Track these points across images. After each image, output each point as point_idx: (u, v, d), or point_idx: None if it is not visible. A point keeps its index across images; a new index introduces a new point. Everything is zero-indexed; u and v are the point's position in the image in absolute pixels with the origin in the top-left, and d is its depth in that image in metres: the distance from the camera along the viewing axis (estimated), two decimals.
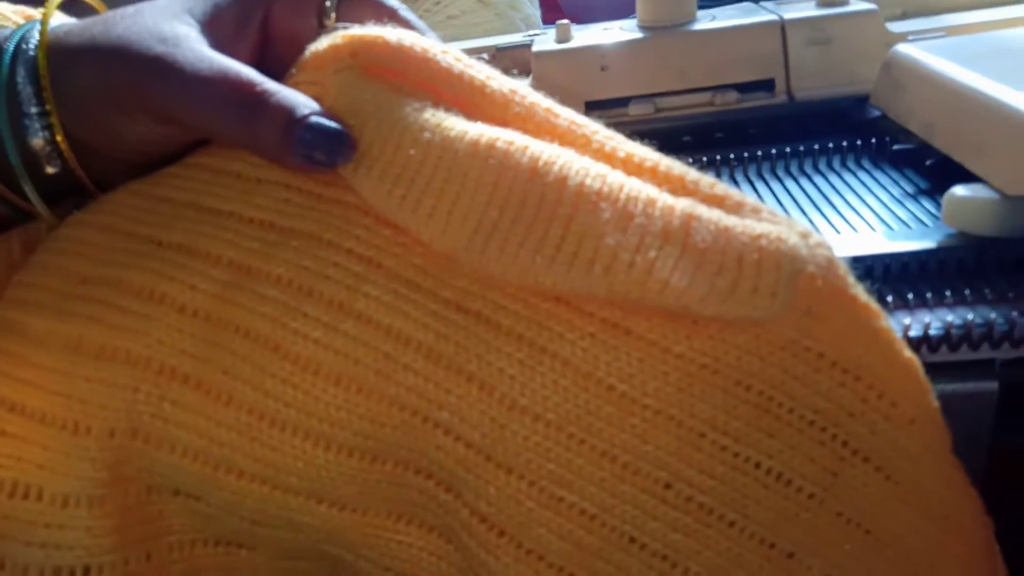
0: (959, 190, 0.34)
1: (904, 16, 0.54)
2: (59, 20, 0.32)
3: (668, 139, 0.54)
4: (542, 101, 0.30)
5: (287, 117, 0.27)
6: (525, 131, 0.29)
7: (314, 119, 0.27)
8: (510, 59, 0.60)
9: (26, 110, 0.28)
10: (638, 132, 0.31)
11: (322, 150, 0.27)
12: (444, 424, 0.27)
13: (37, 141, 0.28)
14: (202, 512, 0.29)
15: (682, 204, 0.28)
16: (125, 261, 0.28)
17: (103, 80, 0.28)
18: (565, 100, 0.31)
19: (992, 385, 0.32)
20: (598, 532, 0.26)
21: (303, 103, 0.27)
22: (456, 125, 0.28)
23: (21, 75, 0.28)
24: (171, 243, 0.29)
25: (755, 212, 0.29)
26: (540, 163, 0.27)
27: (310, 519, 0.28)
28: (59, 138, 0.29)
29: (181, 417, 0.27)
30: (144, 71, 0.27)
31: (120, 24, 0.28)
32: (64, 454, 0.27)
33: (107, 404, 0.27)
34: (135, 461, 0.27)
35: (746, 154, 0.47)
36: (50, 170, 0.29)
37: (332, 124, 0.28)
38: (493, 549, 0.27)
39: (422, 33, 0.31)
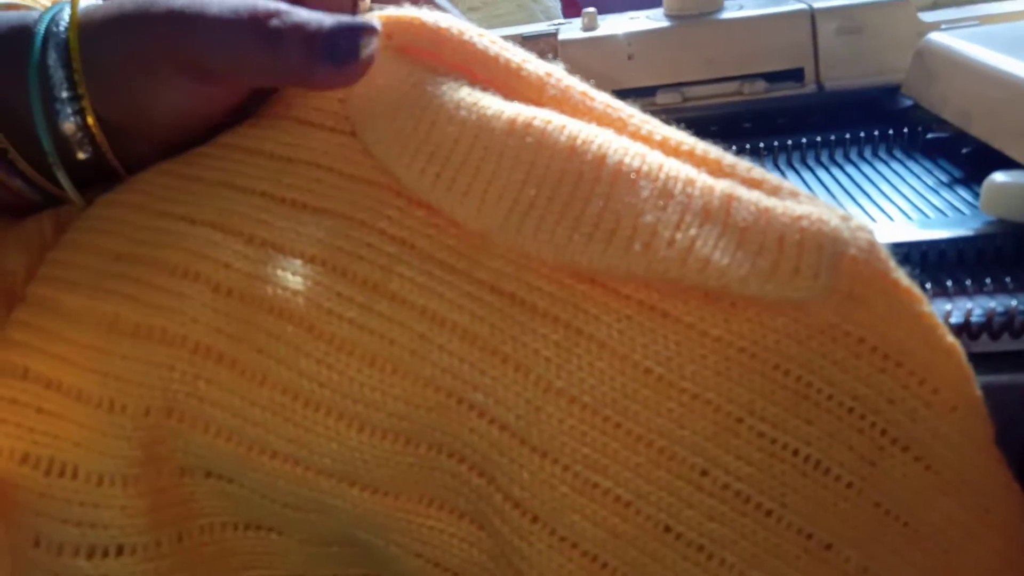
0: (999, 176, 0.33)
1: (935, 6, 0.53)
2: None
3: (696, 129, 0.53)
4: (578, 84, 0.30)
5: (304, 30, 0.27)
6: (561, 113, 0.29)
7: (329, 21, 0.27)
8: (535, 48, 0.59)
9: (57, 94, 0.28)
10: (665, 122, 0.31)
11: (345, 47, 0.27)
12: (479, 406, 0.27)
13: (68, 126, 0.28)
14: (234, 494, 0.28)
15: (722, 184, 0.27)
16: (159, 240, 0.28)
17: (132, 45, 0.28)
18: None
19: None
20: (633, 520, 0.26)
21: (315, 15, 0.28)
22: (493, 104, 0.28)
23: (52, 58, 0.28)
24: (204, 221, 0.28)
25: (793, 195, 0.28)
26: (578, 141, 0.27)
27: (342, 502, 0.28)
28: (91, 121, 0.28)
29: (215, 396, 0.27)
30: (171, 25, 0.27)
31: None
32: (100, 432, 0.26)
33: (143, 382, 0.27)
34: (169, 441, 0.27)
35: (775, 143, 0.46)
36: (81, 155, 0.29)
37: (347, 20, 0.28)
38: (526, 535, 0.26)
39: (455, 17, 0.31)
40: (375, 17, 0.30)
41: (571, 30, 0.54)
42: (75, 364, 0.26)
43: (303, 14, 0.28)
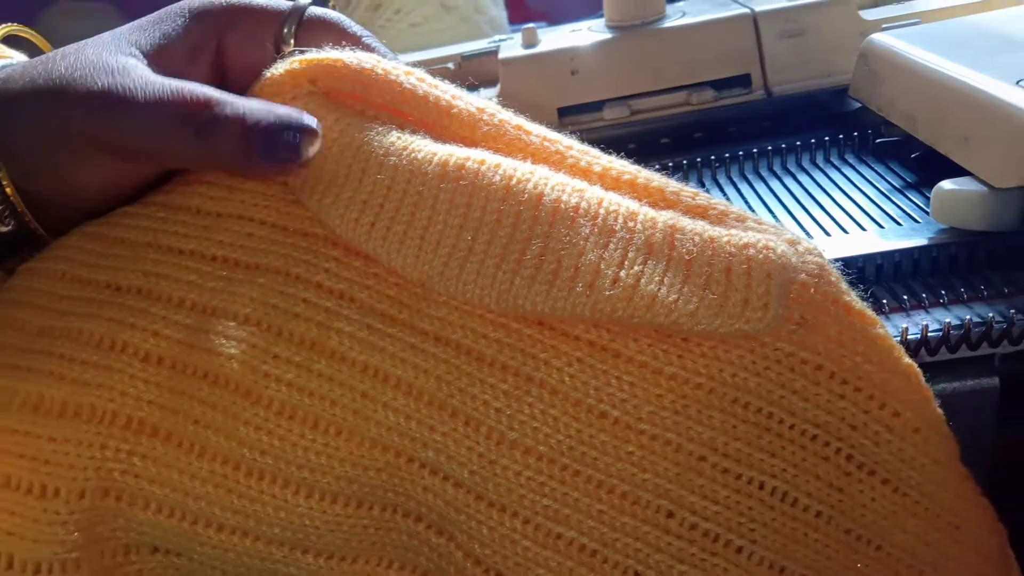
0: (946, 185, 0.33)
1: (876, 3, 0.53)
2: (3, 59, 0.30)
3: (646, 142, 0.53)
4: (512, 118, 0.29)
5: (241, 124, 0.26)
6: (496, 150, 0.28)
7: (269, 118, 0.26)
8: (476, 67, 0.58)
9: None
10: (614, 137, 0.30)
11: (285, 147, 0.26)
12: (430, 464, 0.26)
13: None
14: (184, 568, 0.27)
15: (664, 216, 0.27)
16: (82, 310, 0.27)
17: (50, 123, 0.26)
18: (536, 107, 0.30)
19: (992, 381, 0.31)
20: (600, 569, 0.25)
21: (257, 106, 0.26)
22: (424, 148, 0.27)
23: None
24: (130, 288, 0.27)
25: (740, 221, 0.28)
26: (514, 181, 0.26)
27: (296, 570, 0.27)
28: (9, 192, 0.27)
29: (152, 472, 0.26)
30: (92, 105, 0.26)
31: (61, 63, 0.27)
32: (32, 519, 0.25)
33: (74, 464, 0.25)
34: (109, 521, 0.26)
35: (727, 155, 0.46)
36: (3, 228, 0.27)
37: (288, 117, 0.26)
38: None
39: (384, 56, 0.30)
40: (297, 61, 0.28)
41: (512, 47, 0.53)
42: (1, 451, 0.25)
43: (240, 105, 0.26)
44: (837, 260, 0.28)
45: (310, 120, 0.27)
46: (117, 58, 0.27)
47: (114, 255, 0.28)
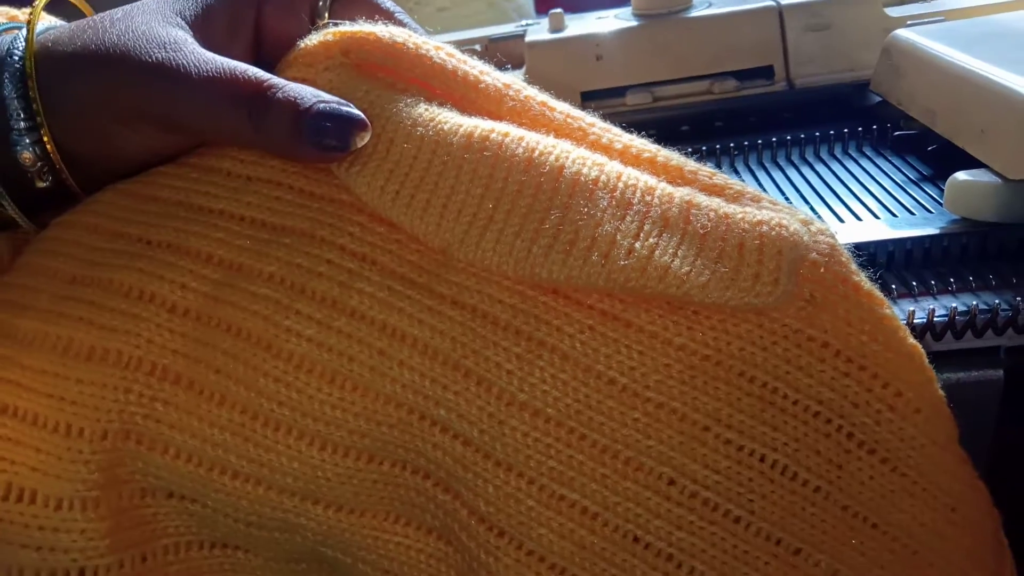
0: (961, 176, 0.33)
1: (902, 1, 0.53)
2: (43, 21, 0.31)
3: (666, 129, 0.54)
4: (537, 95, 0.30)
5: (293, 109, 0.26)
6: (520, 124, 0.29)
7: (321, 106, 0.27)
8: (503, 50, 0.59)
9: (14, 124, 0.27)
10: (636, 122, 0.31)
11: (333, 135, 0.27)
12: (441, 421, 0.26)
13: (27, 156, 0.27)
14: (198, 514, 0.28)
15: (681, 192, 0.27)
16: (114, 261, 0.28)
17: (101, 90, 0.27)
18: (560, 91, 0.31)
19: (997, 373, 0.32)
20: (600, 531, 0.26)
21: (309, 93, 0.27)
22: (450, 120, 0.28)
23: (8, 89, 0.27)
24: (160, 242, 0.28)
25: (755, 200, 0.28)
26: (536, 153, 0.27)
27: (306, 521, 0.27)
28: (50, 148, 0.28)
29: (173, 418, 0.26)
30: (147, 78, 0.27)
31: (112, 30, 0.27)
32: (57, 457, 0.26)
33: (99, 406, 0.26)
34: (129, 463, 0.27)
35: (746, 143, 0.46)
36: (41, 184, 0.28)
37: (340, 108, 0.27)
38: (493, 550, 0.26)
39: (415, 32, 0.31)
40: (331, 33, 0.29)
41: (539, 31, 0.53)
42: (30, 389, 0.26)
43: (292, 90, 0.27)
44: (849, 245, 0.28)
45: (359, 113, 0.27)
46: (167, 30, 0.27)
47: (146, 211, 0.29)
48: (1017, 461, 0.33)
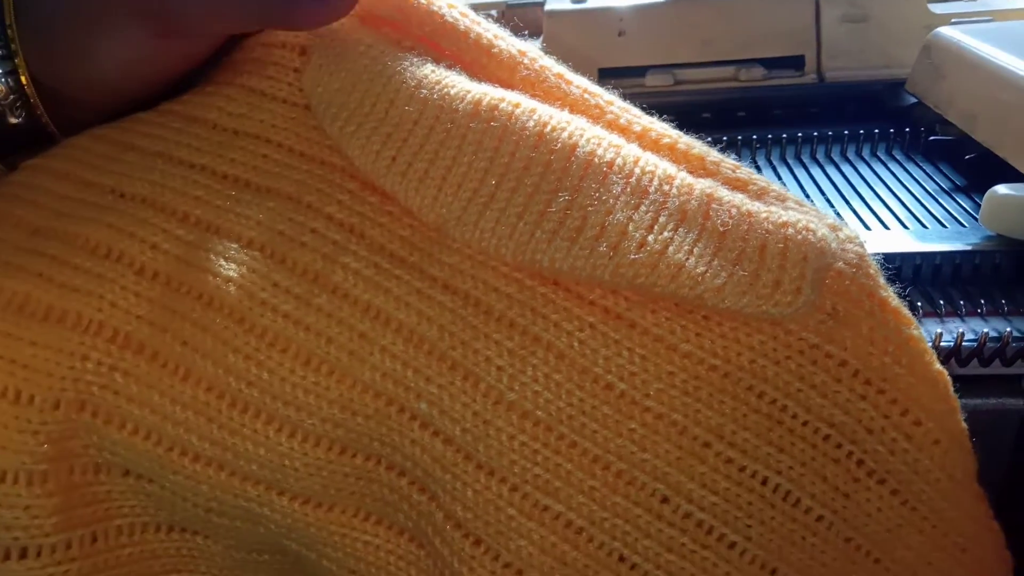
0: (1001, 189, 0.31)
1: None
2: None
3: (686, 114, 0.51)
4: (553, 66, 0.28)
5: None
6: (533, 96, 0.27)
7: None
8: (521, 16, 0.56)
9: None
10: (654, 105, 0.29)
11: None
12: (422, 416, 0.24)
13: None
14: (155, 495, 0.26)
15: (702, 184, 0.25)
16: (81, 213, 0.26)
17: None
18: (577, 65, 0.29)
19: (1017, 402, 0.30)
20: (584, 547, 0.24)
21: None
22: (457, 84, 0.26)
23: None
24: (134, 195, 0.26)
25: (781, 200, 0.26)
26: (548, 128, 0.25)
27: (270, 512, 0.25)
28: (24, 80, 0.26)
29: (133, 391, 0.25)
30: None
31: None
32: (3, 425, 0.24)
33: (52, 372, 0.24)
34: (82, 436, 0.25)
35: (770, 136, 0.44)
36: (13, 120, 0.26)
37: None
38: (467, 559, 0.24)
39: None
40: None
41: (560, 1, 0.51)
42: None
43: None
44: (874, 256, 0.26)
45: None
46: None
47: (122, 160, 0.27)
48: None
